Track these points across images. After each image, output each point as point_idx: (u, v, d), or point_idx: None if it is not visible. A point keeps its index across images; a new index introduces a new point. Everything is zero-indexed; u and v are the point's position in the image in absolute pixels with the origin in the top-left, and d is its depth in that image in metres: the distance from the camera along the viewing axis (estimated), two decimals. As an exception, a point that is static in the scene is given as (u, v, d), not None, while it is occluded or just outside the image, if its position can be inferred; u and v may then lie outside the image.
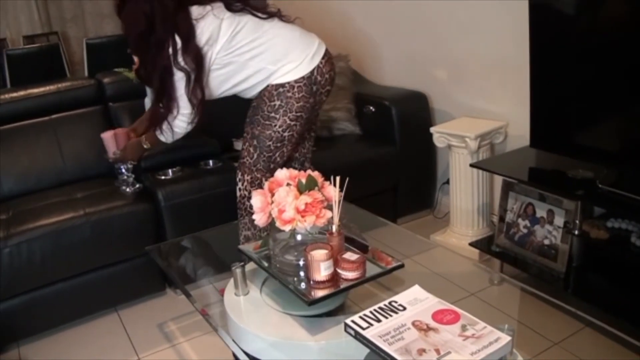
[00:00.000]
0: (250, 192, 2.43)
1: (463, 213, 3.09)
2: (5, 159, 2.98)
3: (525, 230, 2.58)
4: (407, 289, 1.52)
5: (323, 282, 1.62)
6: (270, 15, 2.43)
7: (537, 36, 2.46)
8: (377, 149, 3.40)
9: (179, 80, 2.32)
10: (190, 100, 2.37)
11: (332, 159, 3.08)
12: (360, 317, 1.40)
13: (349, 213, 2.34)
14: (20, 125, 3.11)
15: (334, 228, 1.69)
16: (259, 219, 1.77)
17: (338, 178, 1.71)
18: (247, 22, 2.35)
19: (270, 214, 1.74)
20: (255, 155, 2.44)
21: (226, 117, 3.28)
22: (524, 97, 2.62)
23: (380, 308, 1.44)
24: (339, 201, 1.69)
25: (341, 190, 1.71)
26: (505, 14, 2.90)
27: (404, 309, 1.43)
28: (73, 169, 3.11)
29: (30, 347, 2.64)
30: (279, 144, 2.42)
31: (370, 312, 1.42)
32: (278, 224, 1.69)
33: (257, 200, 1.77)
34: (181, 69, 2.29)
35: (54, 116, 3.19)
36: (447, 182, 3.28)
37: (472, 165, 2.81)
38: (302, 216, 1.66)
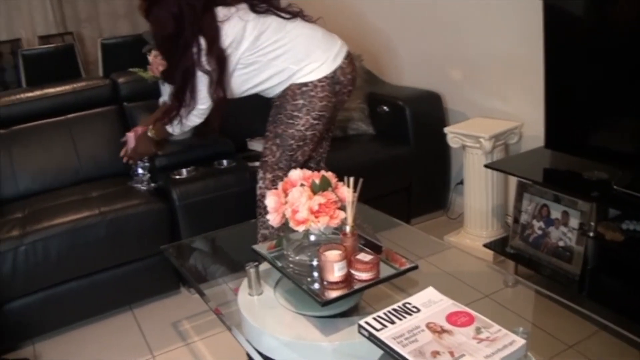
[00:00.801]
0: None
1: (477, 214, 3.08)
2: (21, 158, 3.01)
3: (539, 232, 2.57)
4: (421, 291, 1.52)
5: (337, 282, 1.62)
6: (294, 15, 2.43)
7: (552, 36, 2.45)
8: (390, 149, 3.40)
9: (201, 80, 2.33)
10: (211, 98, 2.39)
11: (346, 159, 3.08)
12: (374, 319, 1.40)
13: (363, 213, 2.35)
14: (36, 124, 3.14)
15: (348, 229, 1.69)
16: (273, 219, 1.77)
17: (352, 179, 1.71)
18: (271, 23, 2.36)
19: (283, 214, 1.74)
20: (277, 154, 2.44)
21: (241, 117, 3.29)
22: (539, 97, 2.60)
23: (394, 309, 1.44)
24: (353, 202, 1.69)
25: (355, 191, 1.71)
26: (520, 13, 2.89)
27: (418, 310, 1.42)
28: (88, 168, 3.13)
29: (45, 344, 2.66)
30: (301, 143, 2.42)
31: (384, 313, 1.42)
32: (291, 224, 1.69)
33: (271, 200, 1.77)
34: (204, 70, 2.31)
35: (69, 116, 3.22)
36: (461, 182, 3.28)
37: (486, 166, 2.80)
38: (316, 217, 1.66)
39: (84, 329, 2.74)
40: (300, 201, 1.67)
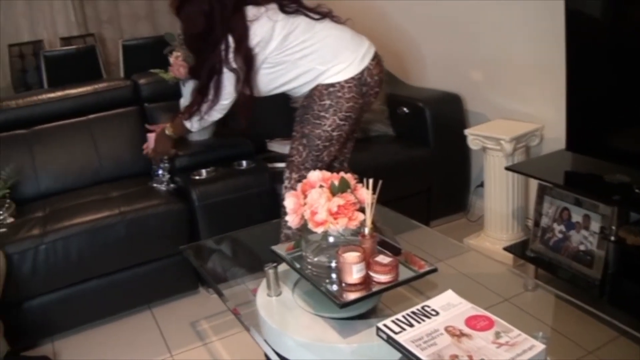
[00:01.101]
0: None
1: (497, 217, 3.06)
2: (43, 158, 3.04)
3: (560, 236, 2.55)
4: (440, 294, 1.51)
5: (355, 284, 1.61)
6: (323, 16, 2.43)
7: (573, 38, 2.43)
8: (410, 150, 3.38)
9: (227, 77, 2.35)
10: (238, 95, 2.40)
11: (365, 161, 3.07)
12: (393, 321, 1.40)
13: (382, 215, 2.34)
14: (57, 125, 3.17)
15: (367, 230, 1.69)
16: (292, 220, 1.77)
17: (371, 180, 1.70)
18: (300, 23, 2.37)
19: (302, 216, 1.74)
20: (304, 154, 2.45)
21: (260, 119, 3.30)
22: (560, 99, 2.58)
23: (412, 312, 1.43)
24: (372, 204, 1.68)
25: (374, 193, 1.70)
26: (541, 15, 2.86)
27: (437, 313, 1.42)
28: (109, 168, 3.16)
29: (64, 342, 2.68)
30: (327, 143, 2.43)
31: (403, 316, 1.42)
32: (310, 225, 1.69)
33: (289, 201, 1.77)
34: (231, 68, 2.33)
35: (90, 116, 3.24)
36: (482, 185, 3.26)
37: (507, 168, 2.78)
38: (335, 218, 1.65)
39: (103, 328, 2.76)
40: (319, 202, 1.67)
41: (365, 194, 1.71)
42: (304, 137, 2.43)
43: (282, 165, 3.08)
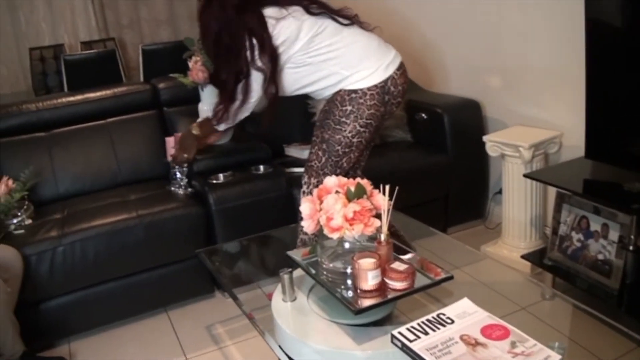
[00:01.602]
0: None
1: (515, 224, 3.04)
2: (62, 160, 3.07)
3: (578, 244, 2.52)
4: (456, 301, 1.50)
5: (370, 291, 1.61)
6: (351, 22, 2.44)
7: (593, 44, 2.40)
8: (428, 157, 3.37)
9: (255, 77, 2.37)
10: (265, 94, 2.42)
11: (383, 166, 3.07)
12: (408, 329, 1.39)
13: (399, 222, 2.33)
14: (77, 128, 3.20)
15: (383, 237, 1.68)
16: (307, 226, 1.77)
17: (387, 187, 1.70)
18: (327, 26, 2.37)
19: (318, 221, 1.73)
20: (323, 159, 2.44)
21: (278, 123, 3.30)
22: (580, 106, 2.56)
23: (428, 320, 1.42)
24: (388, 210, 1.68)
25: (390, 199, 1.70)
26: (561, 21, 2.85)
27: (452, 322, 1.41)
28: (127, 171, 3.18)
29: (81, 343, 2.70)
30: (347, 150, 2.42)
31: (418, 324, 1.41)
32: (326, 231, 1.68)
33: (305, 207, 1.77)
34: (258, 69, 2.34)
35: (109, 120, 3.27)
36: (500, 192, 3.24)
37: (525, 176, 2.76)
38: (350, 224, 1.65)
39: (119, 330, 2.78)
40: (335, 208, 1.67)
41: (381, 200, 1.70)
42: (324, 142, 2.43)
43: (299, 170, 3.08)
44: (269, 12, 2.30)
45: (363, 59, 2.38)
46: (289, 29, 2.31)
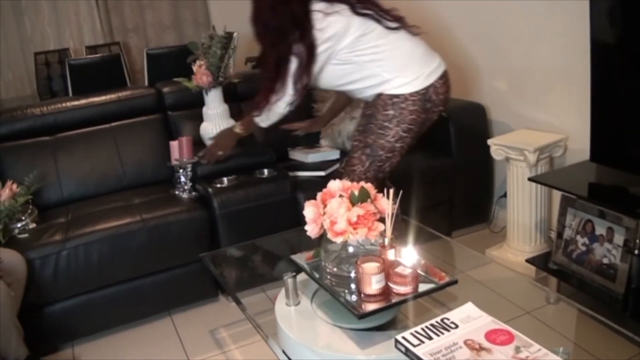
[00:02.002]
0: None
1: (520, 228, 3.03)
2: (67, 164, 3.07)
3: (583, 248, 2.51)
4: (460, 305, 1.50)
5: (374, 295, 1.60)
6: (399, 25, 2.44)
7: (598, 47, 2.40)
8: (433, 160, 3.36)
9: (293, 67, 2.37)
10: (295, 84, 2.41)
11: (387, 170, 3.06)
12: (412, 334, 1.39)
13: (403, 226, 2.33)
14: (81, 132, 3.21)
15: (387, 241, 1.68)
16: (311, 230, 1.77)
17: (392, 190, 1.69)
18: (375, 28, 2.38)
19: (322, 225, 1.73)
20: (367, 164, 2.45)
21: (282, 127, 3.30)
22: (585, 109, 2.55)
23: (432, 325, 1.42)
24: (392, 214, 1.67)
25: (394, 203, 1.69)
26: (566, 24, 2.84)
27: (457, 327, 1.40)
28: (131, 175, 3.18)
29: (85, 347, 2.70)
30: (389, 154, 2.44)
31: (422, 328, 1.41)
32: (330, 235, 1.68)
33: (309, 211, 1.77)
34: (297, 55, 2.34)
35: (114, 124, 3.28)
36: (505, 195, 3.22)
37: (530, 179, 2.75)
38: (354, 228, 1.65)
39: (123, 334, 2.77)
40: (339, 212, 1.66)
41: (385, 204, 1.70)
42: (367, 146, 2.43)
43: (304, 174, 3.10)
44: (318, 6, 2.31)
45: (406, 65, 2.39)
46: (337, 25, 2.31)
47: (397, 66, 2.37)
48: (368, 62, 2.38)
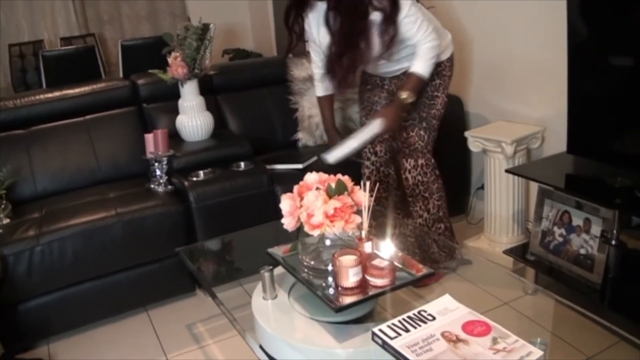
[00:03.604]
0: (428, 175, 2.61)
1: (497, 219, 3.04)
2: (40, 159, 3.02)
3: (560, 239, 2.52)
4: (438, 297, 1.49)
5: (351, 288, 1.60)
6: None
7: (575, 40, 2.40)
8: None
9: (375, 20, 2.38)
10: (382, 37, 2.40)
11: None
12: (389, 326, 1.38)
13: (379, 218, 2.32)
14: (55, 125, 3.16)
15: (363, 234, 1.67)
16: (288, 223, 1.75)
17: (368, 182, 1.68)
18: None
19: (299, 218, 1.72)
20: (426, 137, 2.50)
21: (258, 119, 3.28)
22: (562, 101, 2.56)
23: (409, 317, 1.41)
24: (369, 206, 1.66)
25: (371, 195, 1.68)
26: (543, 16, 2.84)
27: (434, 319, 1.40)
28: (106, 169, 3.14)
29: (60, 344, 2.66)
30: (439, 122, 2.54)
31: (399, 321, 1.40)
32: (306, 228, 1.67)
33: (286, 204, 1.75)
34: (376, 8, 2.35)
35: (88, 117, 3.23)
36: (482, 187, 3.23)
37: (507, 171, 2.75)
38: (331, 221, 1.64)
39: (99, 330, 2.74)
40: (316, 205, 1.65)
41: (362, 196, 1.69)
42: (423, 120, 2.50)
43: (280, 166, 3.07)
44: None
45: (438, 30, 2.49)
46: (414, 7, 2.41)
47: (437, 32, 2.49)
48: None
